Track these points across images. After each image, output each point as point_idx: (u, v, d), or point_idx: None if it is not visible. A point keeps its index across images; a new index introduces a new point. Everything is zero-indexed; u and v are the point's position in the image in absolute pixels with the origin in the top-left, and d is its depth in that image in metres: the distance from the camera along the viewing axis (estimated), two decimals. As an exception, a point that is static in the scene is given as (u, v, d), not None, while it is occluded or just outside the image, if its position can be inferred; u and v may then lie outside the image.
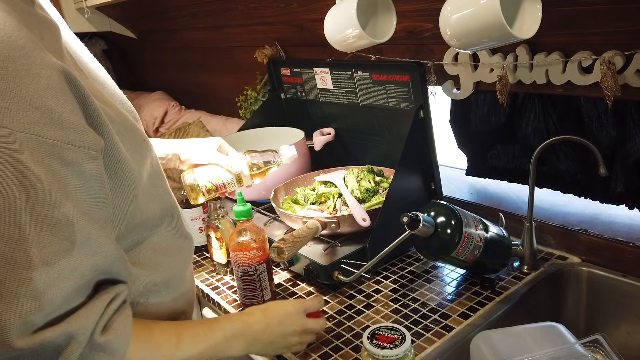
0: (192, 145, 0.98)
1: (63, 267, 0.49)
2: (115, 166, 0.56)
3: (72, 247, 0.49)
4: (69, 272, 0.49)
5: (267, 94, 1.67)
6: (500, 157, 1.19)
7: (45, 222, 0.47)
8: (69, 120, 0.49)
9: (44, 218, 0.47)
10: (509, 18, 0.73)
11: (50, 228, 0.48)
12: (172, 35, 2.17)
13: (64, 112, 0.49)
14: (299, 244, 0.96)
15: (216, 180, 0.95)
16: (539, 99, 1.04)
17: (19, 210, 0.46)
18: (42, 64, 0.48)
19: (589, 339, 0.70)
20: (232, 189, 0.97)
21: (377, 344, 0.68)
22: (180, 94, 2.46)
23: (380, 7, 1.00)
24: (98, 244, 0.52)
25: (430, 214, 0.88)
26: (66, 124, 0.49)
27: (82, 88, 0.51)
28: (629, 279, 0.93)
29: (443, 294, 0.96)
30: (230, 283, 1.08)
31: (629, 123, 0.93)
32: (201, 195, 0.95)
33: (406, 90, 1.15)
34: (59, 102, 0.48)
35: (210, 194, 0.95)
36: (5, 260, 0.46)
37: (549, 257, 1.04)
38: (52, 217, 0.48)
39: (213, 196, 0.97)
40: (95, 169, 0.52)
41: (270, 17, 1.53)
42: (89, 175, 0.51)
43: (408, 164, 1.09)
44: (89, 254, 0.51)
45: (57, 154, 0.48)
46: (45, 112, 0.47)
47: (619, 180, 0.98)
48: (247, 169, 0.96)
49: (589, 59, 0.88)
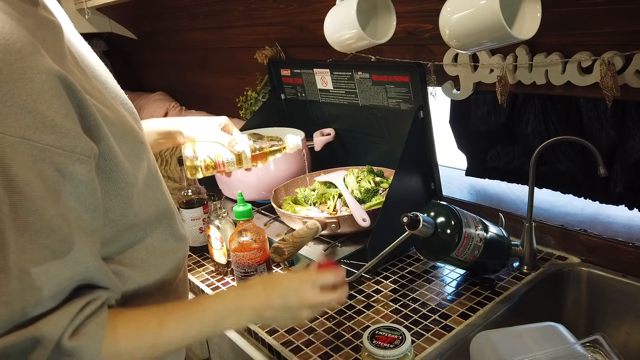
0: (196, 122, 0.96)
1: (40, 275, 0.48)
2: (111, 169, 0.56)
3: (52, 256, 0.49)
4: (46, 280, 0.49)
5: (267, 94, 1.67)
6: (500, 157, 1.20)
7: (27, 229, 0.47)
8: (61, 125, 0.49)
9: (26, 224, 0.47)
10: (508, 19, 0.73)
11: (31, 235, 0.47)
12: (172, 36, 2.17)
13: (57, 116, 0.48)
14: (299, 244, 0.96)
15: (216, 157, 0.92)
16: (539, 99, 1.05)
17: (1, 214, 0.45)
18: (38, 69, 0.48)
19: (589, 339, 0.70)
20: (231, 168, 0.94)
21: (377, 344, 0.68)
22: (181, 94, 2.46)
23: (380, 8, 1.00)
24: (80, 255, 0.51)
25: (430, 214, 0.89)
26: (58, 128, 0.48)
27: (79, 92, 0.51)
28: (629, 279, 0.93)
29: (443, 294, 0.96)
30: (230, 283, 1.08)
31: (628, 123, 0.93)
32: (199, 171, 0.92)
33: (406, 91, 1.15)
34: (52, 106, 0.48)
35: (208, 170, 0.92)
36: None
37: (549, 257, 1.05)
38: (34, 224, 0.47)
39: (211, 173, 0.93)
40: (86, 175, 0.52)
41: (271, 18, 1.53)
42: (80, 181, 0.51)
43: (408, 164, 1.09)
44: (69, 264, 0.50)
45: (48, 158, 0.48)
46: (37, 117, 0.47)
47: (618, 181, 0.98)
48: (249, 150, 0.93)
49: (589, 60, 0.89)
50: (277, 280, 0.70)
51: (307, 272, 0.71)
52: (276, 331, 0.90)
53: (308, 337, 0.88)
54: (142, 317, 0.59)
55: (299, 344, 0.86)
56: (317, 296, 0.69)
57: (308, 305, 0.68)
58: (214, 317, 0.64)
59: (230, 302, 0.66)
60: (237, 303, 0.66)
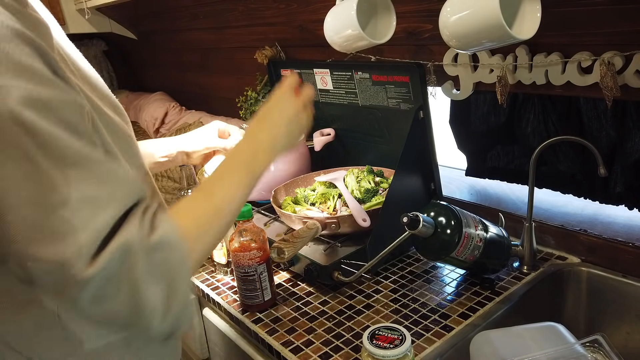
0: (193, 137, 1.01)
1: (99, 196, 0.50)
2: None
3: (101, 178, 0.51)
4: (106, 200, 0.51)
5: (267, 94, 1.68)
6: (499, 157, 1.20)
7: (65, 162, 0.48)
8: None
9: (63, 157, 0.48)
10: (508, 19, 0.73)
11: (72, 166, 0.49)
12: (172, 36, 2.17)
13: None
14: (299, 245, 0.96)
15: None
16: (539, 99, 1.05)
17: (36, 156, 0.47)
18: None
19: (589, 339, 0.70)
20: None
21: (377, 344, 0.68)
22: (181, 94, 2.46)
23: (380, 8, 1.00)
24: (124, 171, 0.54)
25: (430, 214, 0.89)
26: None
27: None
28: (629, 279, 0.93)
29: (443, 294, 0.96)
30: (230, 283, 1.08)
31: (628, 123, 0.93)
32: None
33: (406, 91, 1.15)
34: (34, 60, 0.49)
35: None
36: (44, 204, 0.47)
37: (549, 257, 1.05)
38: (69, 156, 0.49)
39: None
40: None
41: (271, 18, 1.53)
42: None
43: (408, 164, 1.09)
44: (118, 182, 0.53)
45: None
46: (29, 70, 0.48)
47: (618, 181, 0.98)
48: None
49: (589, 60, 0.89)
50: (265, 108, 0.77)
51: (275, 92, 0.78)
52: (276, 331, 0.90)
53: (308, 337, 0.88)
54: (189, 203, 0.63)
55: (299, 344, 0.86)
56: (296, 99, 0.77)
57: (297, 107, 0.76)
58: (245, 167, 0.68)
59: (245, 151, 0.71)
60: (251, 146, 0.71)
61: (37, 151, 0.47)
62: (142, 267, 0.51)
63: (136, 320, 0.52)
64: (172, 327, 0.55)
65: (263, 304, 0.96)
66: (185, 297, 0.56)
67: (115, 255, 0.49)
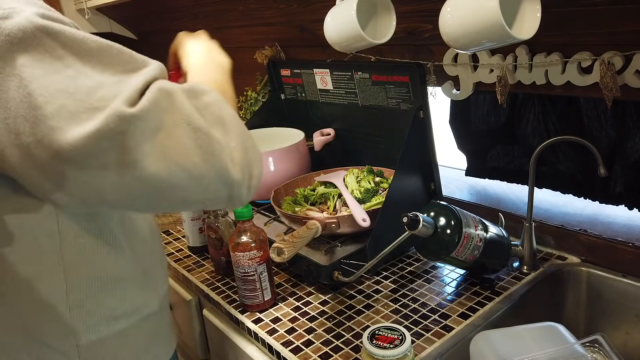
0: None
1: (125, 75, 0.53)
2: None
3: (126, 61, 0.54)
4: (134, 76, 0.53)
5: (267, 94, 1.68)
6: (499, 157, 1.20)
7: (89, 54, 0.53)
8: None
9: (87, 51, 0.53)
10: (508, 19, 0.73)
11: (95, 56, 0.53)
12: (172, 36, 2.15)
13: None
14: (299, 245, 0.96)
15: None
16: (539, 99, 1.05)
17: (62, 50, 0.51)
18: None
19: (589, 339, 0.70)
20: None
21: (377, 344, 0.68)
22: (181, 94, 2.46)
23: (380, 8, 1.00)
24: (142, 57, 0.57)
25: (430, 214, 0.89)
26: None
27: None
28: (629, 279, 0.93)
29: (443, 294, 0.96)
30: (230, 283, 1.08)
31: (628, 123, 0.93)
32: None
33: (406, 91, 1.15)
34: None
35: None
36: (78, 91, 0.50)
37: (549, 257, 1.05)
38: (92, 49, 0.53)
39: None
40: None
41: (270, 18, 1.53)
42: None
43: (408, 164, 1.09)
44: (139, 61, 0.56)
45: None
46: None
47: (618, 181, 0.98)
48: None
49: (589, 60, 0.89)
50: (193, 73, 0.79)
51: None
52: (276, 331, 0.90)
53: (308, 337, 0.88)
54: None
55: (298, 344, 0.86)
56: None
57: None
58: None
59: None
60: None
61: (63, 50, 0.51)
62: (189, 107, 0.53)
63: (213, 161, 0.52)
64: (247, 167, 0.55)
65: (263, 304, 0.96)
66: (246, 135, 0.56)
67: (157, 94, 0.51)
